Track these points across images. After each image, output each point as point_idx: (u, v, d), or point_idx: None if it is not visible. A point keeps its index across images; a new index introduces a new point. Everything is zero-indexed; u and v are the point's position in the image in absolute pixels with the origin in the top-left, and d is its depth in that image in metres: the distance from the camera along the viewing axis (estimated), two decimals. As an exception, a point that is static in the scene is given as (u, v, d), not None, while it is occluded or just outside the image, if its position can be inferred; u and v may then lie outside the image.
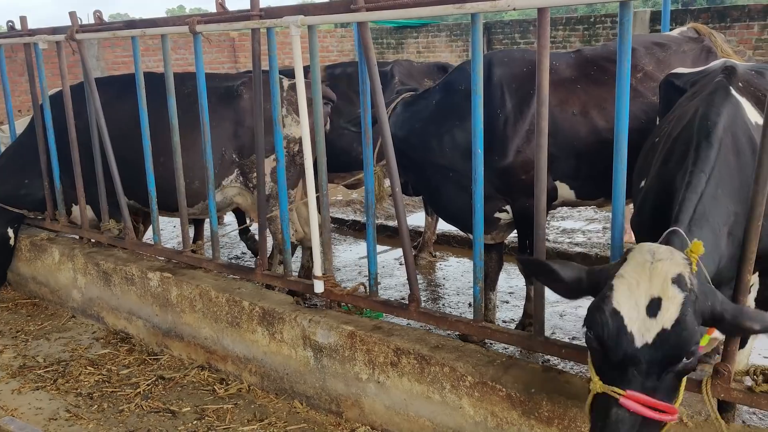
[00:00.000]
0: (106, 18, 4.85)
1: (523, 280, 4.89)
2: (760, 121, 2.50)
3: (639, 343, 2.05)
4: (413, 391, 3.42)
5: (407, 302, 3.62)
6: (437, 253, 6.84)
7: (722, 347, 2.68)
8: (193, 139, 4.65)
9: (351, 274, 6.45)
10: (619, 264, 2.22)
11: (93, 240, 5.48)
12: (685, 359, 2.07)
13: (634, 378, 2.06)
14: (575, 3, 2.71)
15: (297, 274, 5.69)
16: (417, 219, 7.73)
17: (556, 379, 3.04)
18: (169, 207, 4.90)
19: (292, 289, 4.22)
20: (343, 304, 3.98)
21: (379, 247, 7.19)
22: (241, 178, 5.06)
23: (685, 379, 2.17)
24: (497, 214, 4.51)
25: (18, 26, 5.46)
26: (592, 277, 2.33)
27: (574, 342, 4.76)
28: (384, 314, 4.16)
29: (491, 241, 4.71)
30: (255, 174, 4.90)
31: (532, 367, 3.16)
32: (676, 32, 5.06)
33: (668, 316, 2.04)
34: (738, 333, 2.16)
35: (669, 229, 2.36)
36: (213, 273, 4.61)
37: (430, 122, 4.48)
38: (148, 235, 5.75)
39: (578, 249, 6.42)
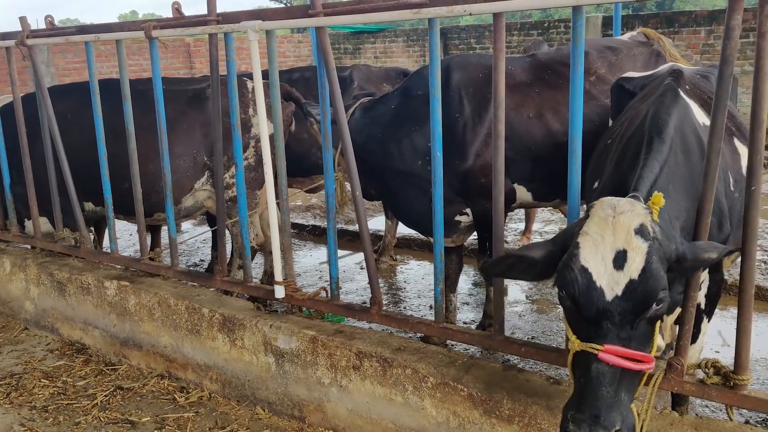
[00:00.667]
0: (56, 23, 4.75)
1: (483, 281, 4.95)
2: (708, 122, 2.59)
3: (609, 296, 2.11)
4: (376, 393, 3.43)
5: (369, 305, 3.63)
6: (398, 257, 6.87)
7: (675, 342, 2.76)
8: (169, 142, 4.55)
9: (312, 279, 6.44)
10: (583, 221, 2.28)
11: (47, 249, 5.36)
12: (654, 305, 2.13)
13: (609, 331, 2.12)
14: (530, 7, 2.77)
15: (259, 279, 5.67)
16: (377, 223, 7.76)
17: (516, 378, 3.08)
18: (147, 212, 4.77)
19: (253, 294, 4.20)
20: (304, 309, 3.97)
21: (340, 252, 7.19)
22: (211, 181, 5.02)
23: (658, 325, 2.23)
24: (458, 218, 4.55)
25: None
26: (560, 242, 2.38)
27: (534, 341, 4.85)
28: (346, 318, 4.16)
29: (452, 244, 4.75)
30: (225, 176, 4.88)
31: (492, 367, 3.20)
32: (626, 37, 5.20)
33: (635, 266, 2.11)
34: (698, 268, 2.28)
35: (629, 195, 2.43)
36: (172, 280, 4.55)
37: (389, 127, 4.51)
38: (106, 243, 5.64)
39: (536, 250, 6.51)
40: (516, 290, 5.89)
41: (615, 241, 2.14)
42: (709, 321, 3.24)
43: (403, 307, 5.67)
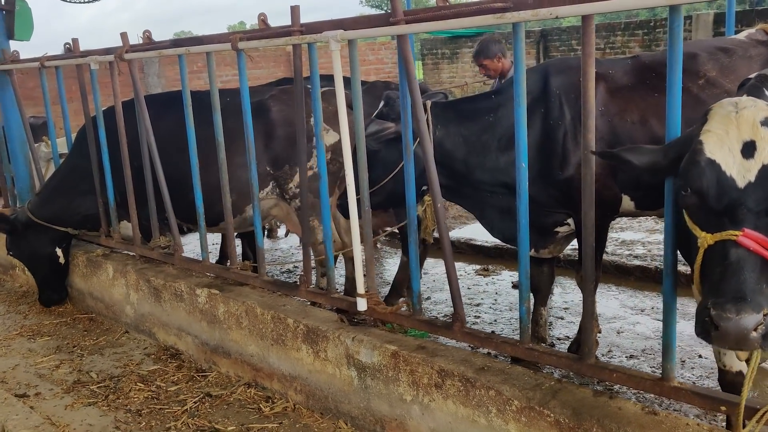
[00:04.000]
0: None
1: (579, 295, 4.70)
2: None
3: (742, 183, 2.05)
4: (458, 414, 3.30)
5: (451, 321, 3.50)
6: (489, 267, 6.68)
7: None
8: (229, 154, 4.64)
9: (402, 289, 6.35)
10: (701, 124, 2.22)
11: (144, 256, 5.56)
12: None
13: (746, 218, 2.02)
14: (620, 8, 2.57)
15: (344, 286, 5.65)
16: (470, 232, 7.61)
17: (607, 405, 2.87)
18: (208, 222, 4.92)
19: (336, 306, 4.16)
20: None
21: (433, 260, 7.09)
22: (277, 190, 5.10)
23: None
24: (557, 228, 4.35)
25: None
26: (671, 150, 2.35)
27: (632, 360, 4.56)
28: (429, 334, 4.05)
29: (548, 255, 4.54)
30: (290, 185, 4.96)
31: (581, 392, 3.00)
32: (743, 35, 4.79)
33: (766, 153, 2.03)
34: None
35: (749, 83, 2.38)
36: (259, 290, 4.59)
37: (480, 134, 4.32)
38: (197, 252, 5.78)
39: (637, 262, 6.17)
40: (615, 305, 5.58)
41: (741, 134, 2.09)
42: None
43: (494, 320, 5.48)
